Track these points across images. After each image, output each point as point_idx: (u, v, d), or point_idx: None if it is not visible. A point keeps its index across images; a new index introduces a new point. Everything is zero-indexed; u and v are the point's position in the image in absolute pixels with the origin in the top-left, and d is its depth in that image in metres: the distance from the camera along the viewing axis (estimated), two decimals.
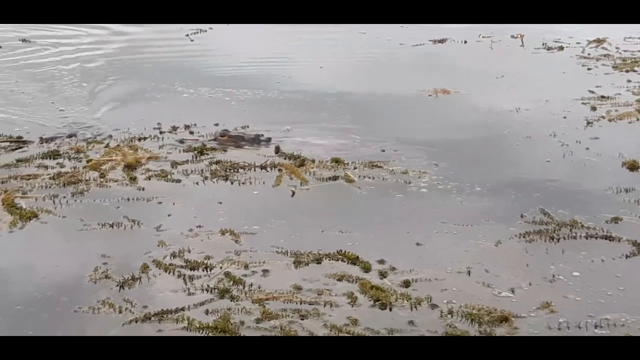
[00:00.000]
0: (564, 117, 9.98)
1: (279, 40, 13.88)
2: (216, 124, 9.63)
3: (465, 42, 13.81)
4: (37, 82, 11.43)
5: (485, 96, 10.81)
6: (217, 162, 8.48)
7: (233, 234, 7.02)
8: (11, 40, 13.69)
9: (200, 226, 7.18)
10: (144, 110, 10.34)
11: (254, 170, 8.35)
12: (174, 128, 9.48)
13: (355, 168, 8.42)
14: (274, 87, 11.29)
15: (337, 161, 8.55)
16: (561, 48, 13.37)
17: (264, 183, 8.11)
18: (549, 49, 13.40)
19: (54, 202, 7.65)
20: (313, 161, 8.54)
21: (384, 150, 8.87)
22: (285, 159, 8.61)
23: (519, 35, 13.99)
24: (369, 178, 8.22)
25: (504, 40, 13.91)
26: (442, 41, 13.88)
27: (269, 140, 9.09)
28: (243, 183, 8.11)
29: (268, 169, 8.39)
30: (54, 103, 10.46)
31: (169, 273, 6.45)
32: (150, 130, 9.43)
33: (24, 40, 13.76)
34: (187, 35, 14.15)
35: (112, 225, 7.19)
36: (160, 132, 9.40)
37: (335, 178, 8.23)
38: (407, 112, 10.32)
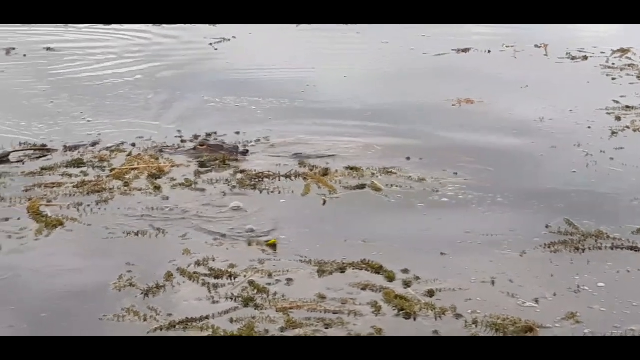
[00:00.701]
0: (589, 127, 9.95)
1: (301, 49, 13.90)
2: (237, 132, 9.67)
3: (489, 51, 13.78)
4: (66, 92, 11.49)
5: (509, 106, 10.80)
6: (242, 172, 8.49)
7: (259, 244, 7.02)
8: (35, 46, 13.79)
9: (224, 235, 7.20)
10: (169, 118, 10.37)
11: (279, 179, 8.37)
12: (196, 137, 9.51)
13: (372, 174, 8.42)
14: (299, 96, 11.30)
15: (353, 169, 8.56)
16: (585, 58, 13.33)
17: (292, 192, 8.12)
18: (573, 58, 13.35)
19: (78, 210, 7.68)
20: (337, 170, 8.54)
21: (409, 158, 8.87)
22: (309, 169, 8.62)
23: (542, 45, 13.96)
24: (397, 187, 8.23)
25: (527, 49, 13.86)
26: (465, 50, 13.85)
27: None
28: (272, 192, 8.12)
29: (292, 178, 8.40)
30: (82, 113, 10.48)
31: (193, 281, 6.47)
32: (172, 139, 9.47)
33: (48, 48, 13.84)
34: (211, 44, 14.19)
35: (137, 234, 7.22)
36: (182, 141, 9.43)
37: (362, 186, 8.24)
38: (430, 121, 10.30)
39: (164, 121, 10.21)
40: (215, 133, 9.66)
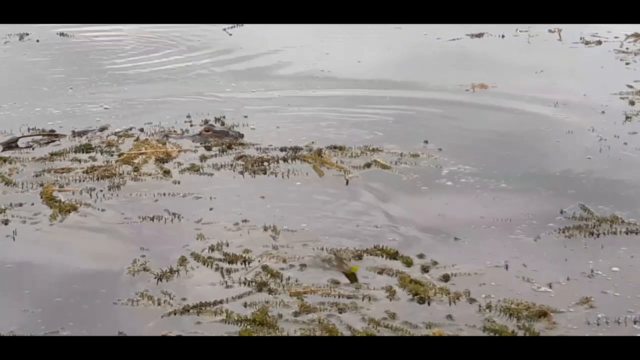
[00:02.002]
0: (602, 112, 9.92)
1: (313, 36, 13.88)
2: (245, 116, 9.69)
3: (503, 36, 13.75)
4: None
5: (523, 91, 10.77)
6: (241, 157, 8.49)
7: (280, 229, 7.02)
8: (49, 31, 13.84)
9: (246, 220, 7.19)
10: (184, 105, 10.39)
11: (277, 163, 8.37)
12: (205, 121, 9.52)
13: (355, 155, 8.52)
14: (315, 82, 11.31)
15: (338, 148, 8.69)
16: (599, 42, 13.28)
17: (307, 174, 8.13)
18: (586, 43, 13.31)
19: (90, 195, 7.69)
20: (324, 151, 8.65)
21: (427, 142, 8.86)
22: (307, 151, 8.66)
23: (556, 30, 13.91)
24: (404, 164, 8.26)
25: (541, 34, 13.83)
26: (479, 35, 13.82)
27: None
28: (287, 176, 8.12)
29: (289, 160, 8.41)
30: (102, 106, 10.49)
31: (207, 266, 6.47)
32: (181, 124, 9.49)
33: (62, 34, 13.87)
34: (225, 29, 14.19)
35: (152, 219, 7.22)
36: (191, 125, 9.47)
37: (368, 165, 8.31)
38: (444, 106, 10.29)
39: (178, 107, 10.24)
40: (224, 117, 9.67)
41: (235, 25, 14.38)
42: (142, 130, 9.26)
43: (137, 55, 12.75)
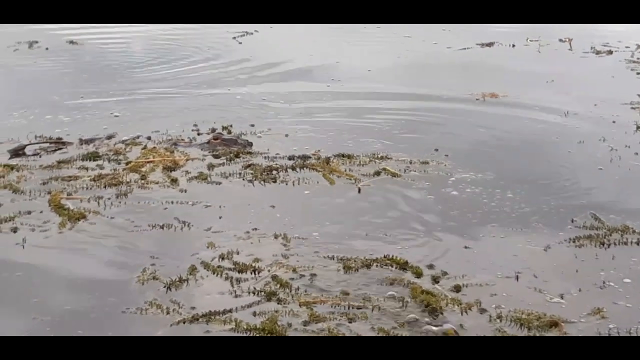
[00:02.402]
0: (613, 122, 9.89)
1: (324, 42, 13.88)
2: (252, 125, 9.69)
3: (513, 45, 13.73)
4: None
5: (534, 100, 10.74)
6: (249, 165, 8.49)
7: (286, 239, 7.00)
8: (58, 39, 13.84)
9: (256, 229, 7.17)
10: (195, 111, 10.40)
11: (286, 171, 8.36)
12: (213, 130, 9.52)
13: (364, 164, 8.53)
14: (325, 90, 11.31)
15: (346, 156, 8.69)
16: (610, 52, 13.25)
17: (318, 182, 8.13)
18: (597, 52, 13.28)
19: (98, 203, 7.68)
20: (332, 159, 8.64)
21: (437, 150, 8.86)
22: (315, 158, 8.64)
23: (567, 39, 13.88)
24: (414, 172, 8.28)
25: (552, 43, 13.80)
26: (489, 44, 13.80)
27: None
28: (296, 184, 8.11)
29: (297, 169, 8.40)
30: (112, 114, 10.49)
31: (216, 275, 6.45)
32: (189, 132, 9.49)
33: (71, 42, 13.87)
34: (234, 38, 14.18)
35: (162, 227, 7.21)
36: (198, 134, 9.46)
37: (378, 173, 8.30)
38: (454, 115, 10.26)
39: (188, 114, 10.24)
40: (231, 126, 9.66)
41: (245, 33, 14.37)
42: (149, 138, 9.25)
43: (148, 64, 12.72)
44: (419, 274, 6.44)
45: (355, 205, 7.75)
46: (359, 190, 7.98)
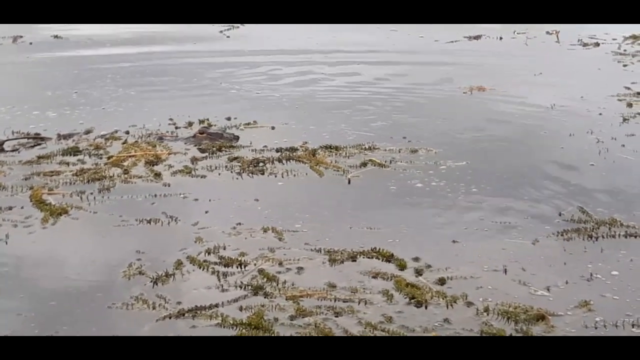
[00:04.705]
0: (600, 114, 9.90)
1: (311, 36, 13.87)
2: (228, 118, 9.67)
3: (501, 38, 13.76)
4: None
5: (521, 93, 10.75)
6: (235, 159, 8.48)
7: (275, 232, 6.97)
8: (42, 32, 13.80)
9: (240, 223, 7.13)
10: (176, 105, 10.39)
11: (273, 163, 8.35)
12: (190, 124, 9.52)
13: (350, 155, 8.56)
14: (311, 84, 11.31)
15: (333, 148, 8.72)
16: (597, 44, 13.29)
17: (307, 174, 8.15)
18: (584, 45, 13.32)
19: (81, 198, 7.64)
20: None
21: (405, 138, 8.87)
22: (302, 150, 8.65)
23: (554, 32, 13.90)
24: (401, 162, 8.30)
25: (539, 36, 13.85)
26: (477, 37, 13.81)
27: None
28: (285, 176, 8.10)
29: (284, 161, 8.38)
30: (104, 108, 10.45)
31: (202, 270, 6.42)
32: (165, 127, 9.46)
33: (56, 36, 13.82)
34: (221, 31, 14.15)
35: (149, 222, 7.17)
36: (176, 128, 9.45)
37: (364, 164, 8.32)
38: (440, 109, 10.26)
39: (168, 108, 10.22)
40: (207, 120, 9.65)
41: (231, 26, 14.35)
42: (127, 132, 9.23)
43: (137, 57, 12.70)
44: (402, 266, 6.41)
45: (343, 196, 7.73)
46: (349, 182, 7.97)
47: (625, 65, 12.02)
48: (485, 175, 8.12)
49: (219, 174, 8.19)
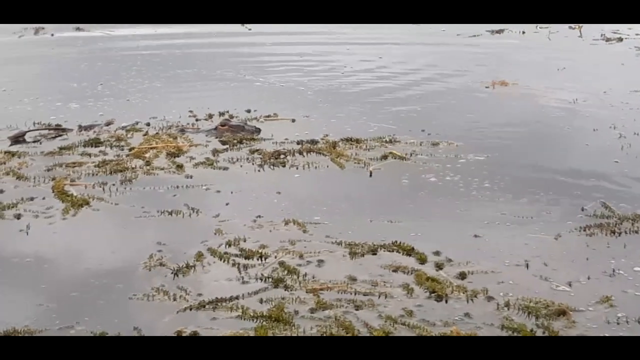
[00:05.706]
0: (623, 109, 9.83)
1: (327, 34, 13.84)
2: (248, 110, 9.67)
3: (523, 32, 13.69)
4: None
5: (543, 88, 10.69)
6: (256, 151, 8.48)
7: (297, 224, 6.96)
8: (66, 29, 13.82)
9: (260, 216, 7.13)
10: (204, 97, 10.40)
11: (294, 155, 8.35)
12: (210, 116, 9.52)
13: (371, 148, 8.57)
14: (334, 78, 11.30)
15: (354, 140, 8.71)
16: (620, 39, 13.21)
17: (327, 167, 8.13)
18: (607, 40, 13.24)
19: (103, 189, 7.65)
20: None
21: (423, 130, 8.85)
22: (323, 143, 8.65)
23: (577, 27, 13.82)
24: (421, 155, 8.28)
25: (561, 31, 13.76)
26: (499, 32, 13.75)
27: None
28: (307, 168, 8.11)
29: (305, 154, 8.39)
30: (129, 100, 10.47)
31: (223, 261, 6.42)
32: (186, 119, 9.48)
33: (77, 28, 13.84)
34: (244, 25, 14.15)
35: (170, 213, 7.17)
36: (196, 120, 9.45)
37: (385, 157, 8.31)
38: (462, 103, 10.22)
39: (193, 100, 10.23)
40: (227, 112, 9.66)
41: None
42: (148, 124, 9.24)
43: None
44: (423, 260, 6.39)
45: (363, 189, 7.73)
46: (370, 174, 7.96)
47: None
48: (508, 170, 8.08)
49: (241, 166, 8.19)
